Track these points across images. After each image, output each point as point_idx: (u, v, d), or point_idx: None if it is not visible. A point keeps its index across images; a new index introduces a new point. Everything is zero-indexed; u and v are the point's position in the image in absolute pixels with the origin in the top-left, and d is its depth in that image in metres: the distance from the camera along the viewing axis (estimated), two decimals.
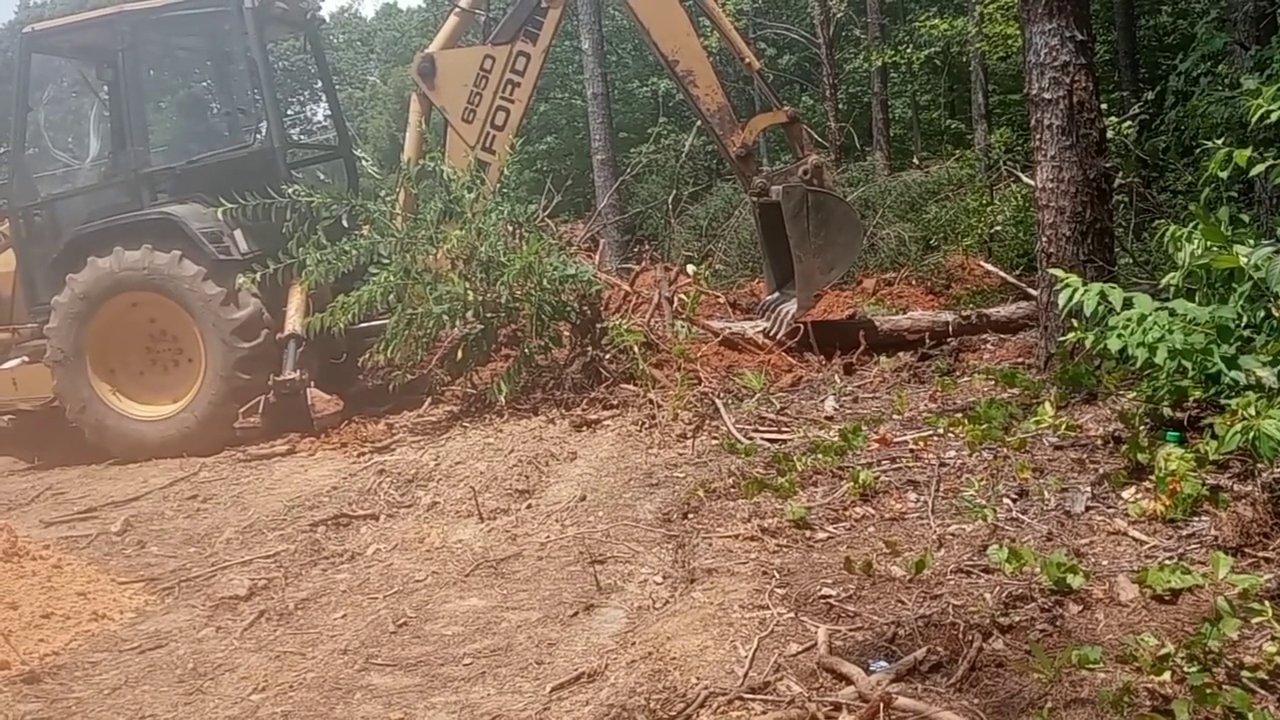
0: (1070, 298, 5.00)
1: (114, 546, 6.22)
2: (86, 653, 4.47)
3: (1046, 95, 6.64)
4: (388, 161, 9.46)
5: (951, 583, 4.09)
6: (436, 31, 10.62)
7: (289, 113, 52.44)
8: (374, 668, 3.99)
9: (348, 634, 4.34)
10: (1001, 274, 10.93)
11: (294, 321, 8.81)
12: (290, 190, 8.39)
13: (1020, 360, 7.96)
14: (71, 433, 9.04)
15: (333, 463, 7.60)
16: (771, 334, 9.42)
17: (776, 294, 10.03)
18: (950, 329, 9.32)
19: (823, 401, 7.61)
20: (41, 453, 9.30)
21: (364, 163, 8.76)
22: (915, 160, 19.00)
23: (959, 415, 6.26)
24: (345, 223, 9.41)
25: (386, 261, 8.23)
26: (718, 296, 11.24)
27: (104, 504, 7.26)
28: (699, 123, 16.89)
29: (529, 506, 5.84)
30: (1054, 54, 6.60)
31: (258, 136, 9.41)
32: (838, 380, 8.23)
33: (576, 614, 4.30)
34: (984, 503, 4.85)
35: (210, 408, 8.64)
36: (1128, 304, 4.88)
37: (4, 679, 4.14)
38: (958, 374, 7.89)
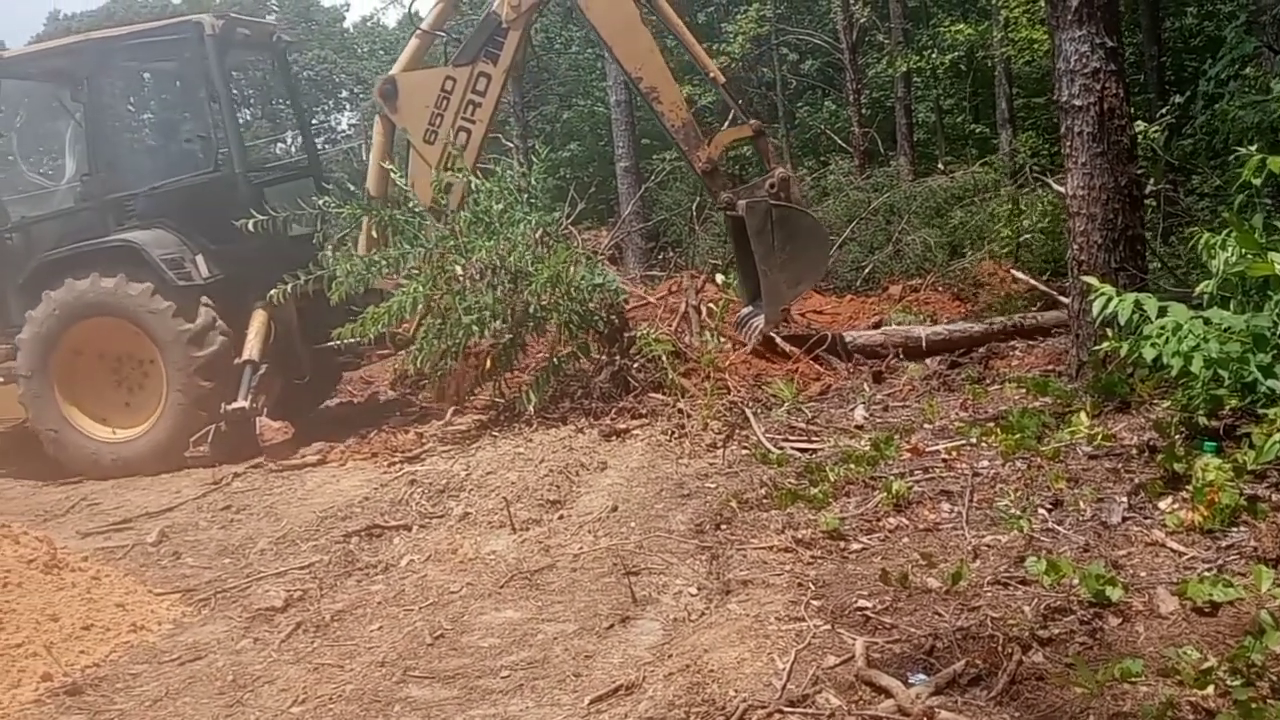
0: (1104, 306, 4.98)
1: (150, 557, 6.28)
2: (127, 664, 4.52)
3: (1077, 102, 6.61)
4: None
5: (989, 594, 4.09)
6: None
7: (314, 121, 52.78)
8: (412, 680, 4.02)
9: (385, 646, 4.37)
10: (1030, 280, 10.88)
11: (252, 347, 8.95)
12: (322, 202, 8.48)
13: (1050, 368, 7.92)
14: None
15: (364, 473, 7.64)
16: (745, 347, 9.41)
17: (749, 308, 9.99)
18: (924, 343, 9.28)
19: (852, 410, 7.60)
20: (31, 467, 9.39)
21: (393, 174, 8.81)
22: (940, 165, 18.95)
23: (991, 424, 6.24)
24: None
25: (415, 272, 8.27)
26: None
27: (138, 515, 7.33)
28: (722, 128, 16.86)
29: (561, 517, 5.86)
30: (1084, 60, 6.57)
31: (219, 162, 9.55)
32: (867, 389, 8.21)
33: (612, 626, 4.31)
34: (1019, 513, 4.83)
35: (170, 430, 8.80)
36: (1162, 312, 4.86)
37: (47, 690, 4.19)
38: (987, 382, 7.85)
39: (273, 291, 8.33)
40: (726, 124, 10.65)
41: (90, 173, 9.58)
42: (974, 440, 6.08)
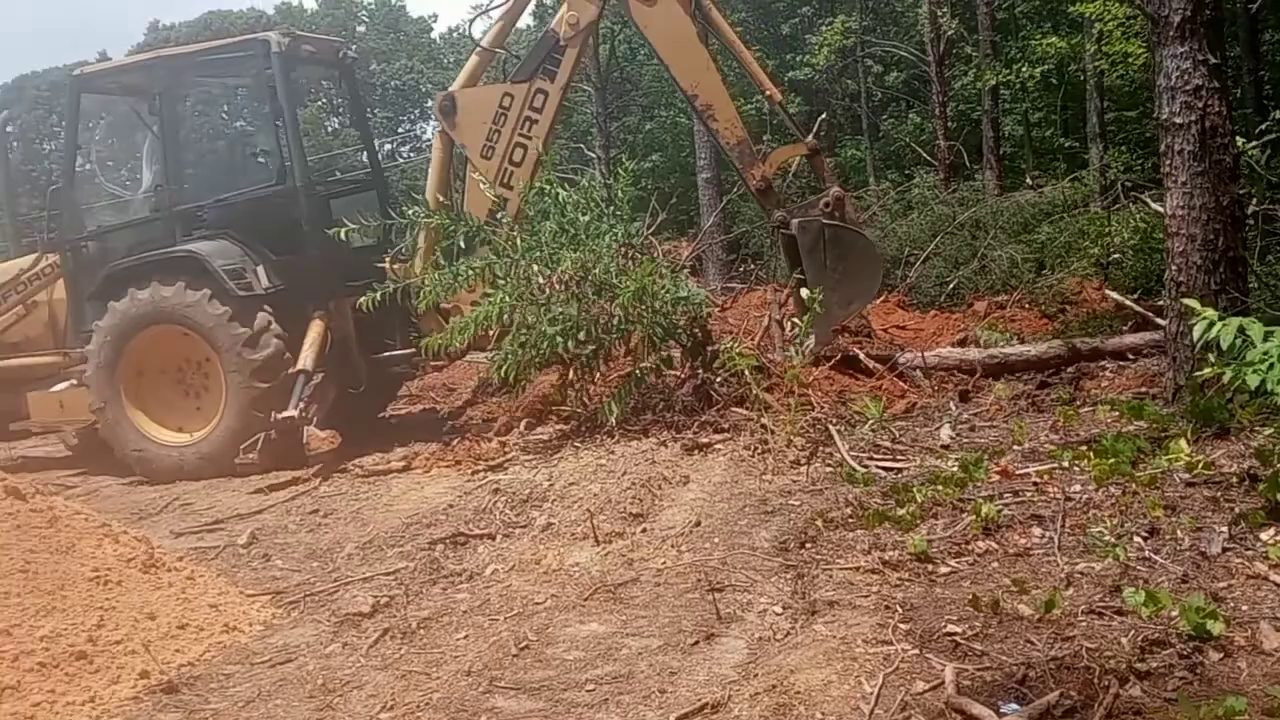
0: (1206, 330, 4.86)
1: (240, 559, 6.43)
2: (220, 664, 4.61)
3: (1178, 120, 6.48)
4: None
5: (1083, 624, 4.00)
6: None
7: (398, 130, 53.68)
8: (498, 690, 4.04)
9: (470, 655, 4.40)
10: (1121, 299, 10.65)
11: (306, 357, 9.16)
12: (411, 212, 8.66)
13: (1144, 390, 7.75)
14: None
15: (448, 480, 7.74)
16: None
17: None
18: (978, 368, 9.11)
19: (938, 429, 7.50)
20: (108, 463, 9.76)
21: (481, 185, 8.95)
22: (1028, 180, 18.63)
23: (1083, 448, 6.11)
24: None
25: (502, 282, 8.36)
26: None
27: (229, 516, 7.51)
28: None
29: (644, 530, 5.86)
30: (1186, 78, 6.44)
31: (281, 175, 9.82)
32: (953, 408, 8.11)
33: (697, 643, 4.29)
34: (1113, 541, 4.72)
35: (227, 436, 9.09)
36: (1267, 337, 4.73)
37: (145, 688, 4.29)
38: (1079, 403, 7.70)
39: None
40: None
41: (162, 184, 9.97)
42: (1066, 464, 5.95)
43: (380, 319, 9.68)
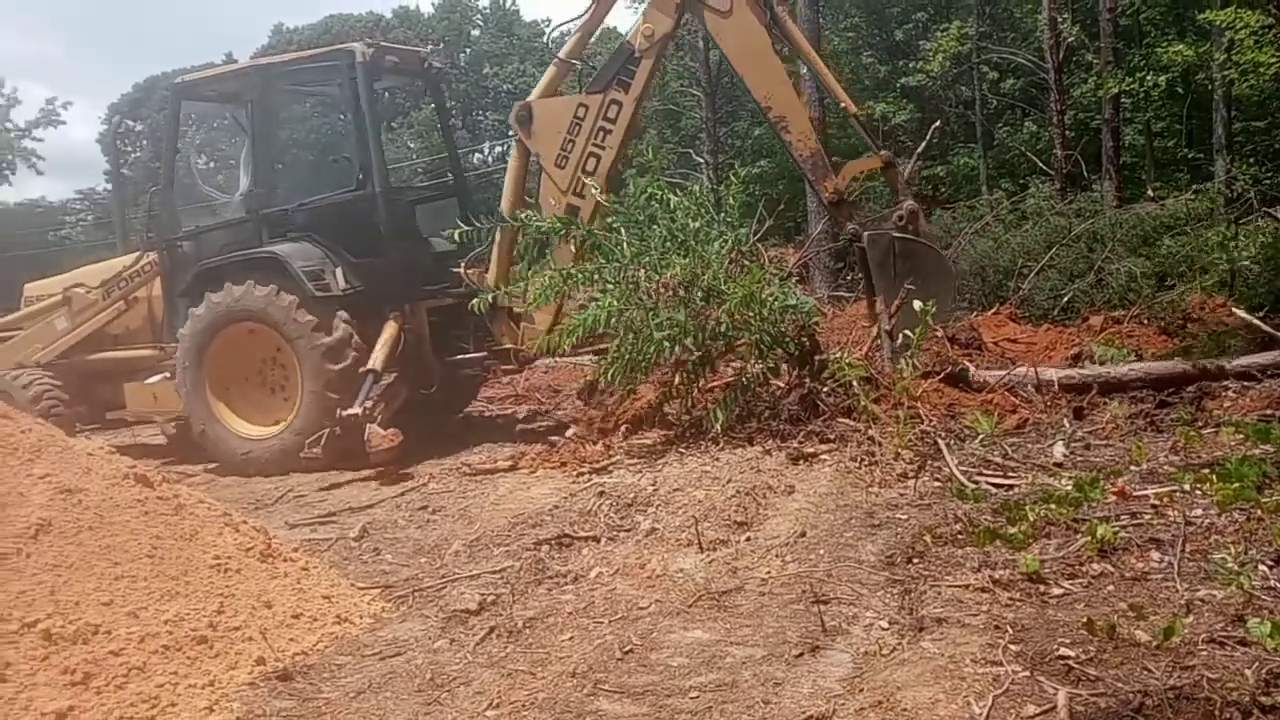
0: None
1: (352, 552, 6.59)
2: (332, 654, 4.73)
3: None
4: (614, 187, 9.85)
5: (1204, 653, 3.87)
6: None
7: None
8: (602, 693, 4.07)
9: (575, 656, 4.44)
10: (1247, 317, 10.27)
11: (377, 357, 9.40)
12: (523, 215, 8.80)
13: (1270, 412, 7.46)
14: None
15: (553, 481, 7.82)
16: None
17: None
18: (1056, 383, 8.76)
19: (1051, 446, 7.33)
20: (202, 455, 10.19)
21: (593, 190, 9.04)
22: (1149, 191, 18.13)
23: (1205, 470, 5.92)
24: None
25: (611, 285, 8.43)
26: (936, 331, 11.00)
27: (342, 509, 7.70)
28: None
29: (748, 539, 5.84)
30: None
31: (360, 180, 10.07)
32: (1067, 425, 7.91)
33: (801, 654, 4.27)
34: (1236, 568, 4.56)
35: (298, 432, 9.42)
36: None
37: (260, 674, 4.42)
38: (1200, 424, 7.45)
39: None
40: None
41: (251, 188, 10.39)
42: (1187, 487, 5.77)
43: (455, 322, 10.17)
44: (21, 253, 38.78)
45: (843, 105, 10.01)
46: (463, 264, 10.20)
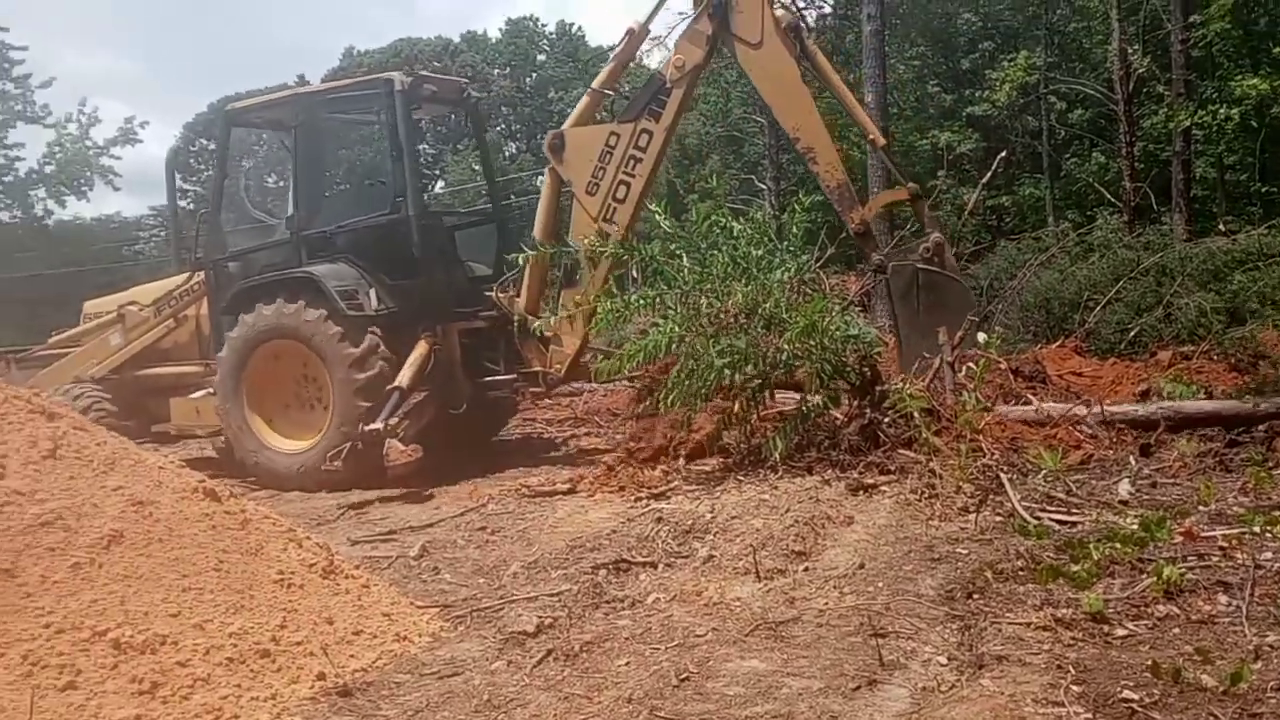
0: None
1: (411, 570, 6.64)
2: (391, 672, 4.77)
3: None
4: (669, 209, 9.99)
5: (1272, 700, 3.79)
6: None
7: None
8: None
9: (631, 682, 4.45)
10: None
11: (404, 376, 9.61)
12: (588, 240, 8.92)
13: None
14: None
15: (611, 505, 7.85)
16: None
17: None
18: (1160, 421, 8.52)
19: (1116, 484, 7.22)
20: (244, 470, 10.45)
21: (657, 215, 9.11)
22: (1220, 225, 17.80)
23: (1276, 513, 5.80)
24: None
25: (673, 311, 8.47)
26: (1000, 363, 10.89)
27: (402, 528, 7.78)
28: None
29: (806, 569, 5.82)
30: None
31: (396, 205, 10.36)
32: (1133, 462, 7.79)
33: (859, 687, 4.24)
34: None
35: (326, 448, 9.67)
36: None
37: (321, 689, 4.48)
38: (1271, 465, 7.30)
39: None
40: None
41: (293, 211, 10.79)
42: (1256, 529, 5.65)
43: (487, 344, 10.52)
44: (97, 266, 39.77)
45: (870, 137, 10.17)
46: (495, 288, 10.58)
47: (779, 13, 9.73)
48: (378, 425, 9.29)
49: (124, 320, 11.60)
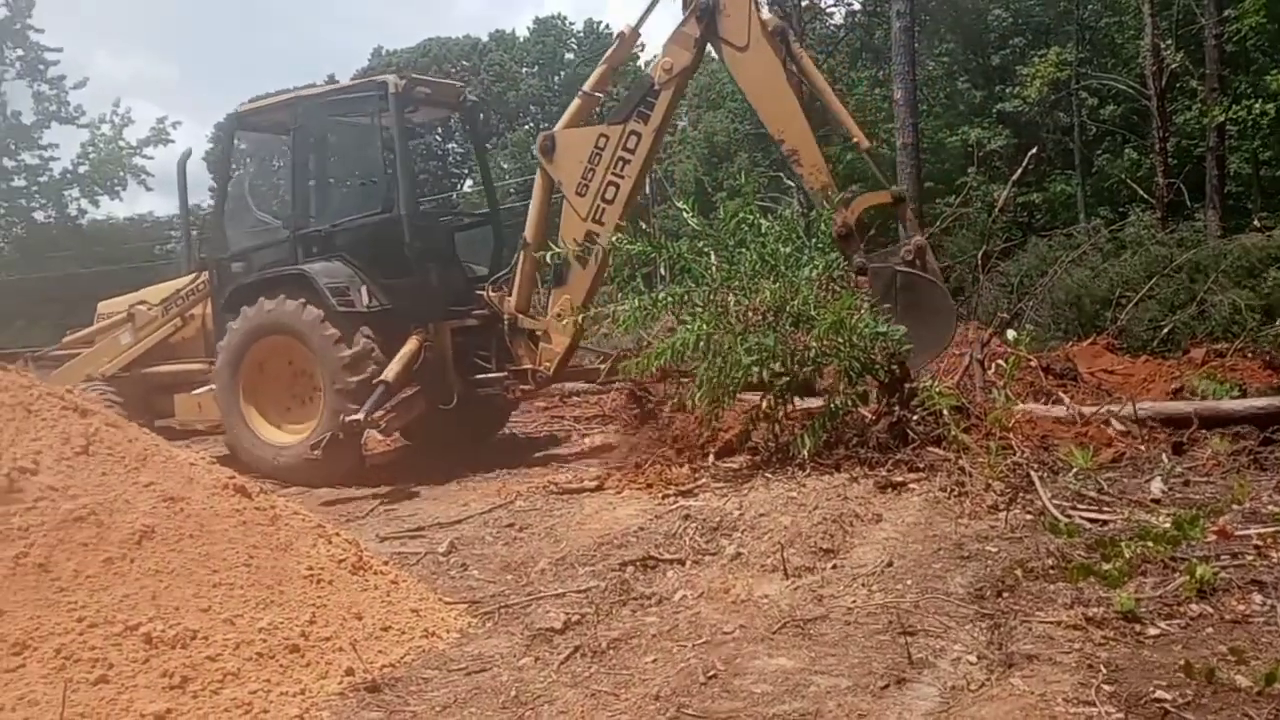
0: None
1: (440, 567, 6.67)
2: (419, 668, 4.80)
3: None
4: (697, 207, 10.04)
5: None
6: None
7: None
8: (685, 717, 4.07)
9: (658, 680, 4.45)
10: None
11: (391, 370, 9.90)
12: (614, 238, 8.92)
13: None
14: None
15: (638, 503, 7.84)
16: None
17: None
18: (1193, 418, 8.39)
19: (1149, 482, 7.15)
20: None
21: (686, 214, 9.10)
22: (1255, 221, 17.59)
23: None
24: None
25: (699, 309, 8.45)
26: (1030, 361, 10.81)
27: (430, 524, 7.81)
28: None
29: (834, 567, 5.80)
30: None
31: (388, 205, 10.66)
32: (1165, 460, 7.71)
33: (887, 686, 4.22)
34: None
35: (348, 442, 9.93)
36: None
37: (350, 685, 4.50)
38: None
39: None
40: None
41: (291, 211, 11.16)
42: None
43: (480, 343, 10.78)
44: (129, 265, 40.12)
45: (854, 139, 10.13)
46: (487, 286, 10.90)
47: (765, 16, 9.82)
48: (358, 416, 9.55)
49: (134, 320, 12.00)
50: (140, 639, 4.17)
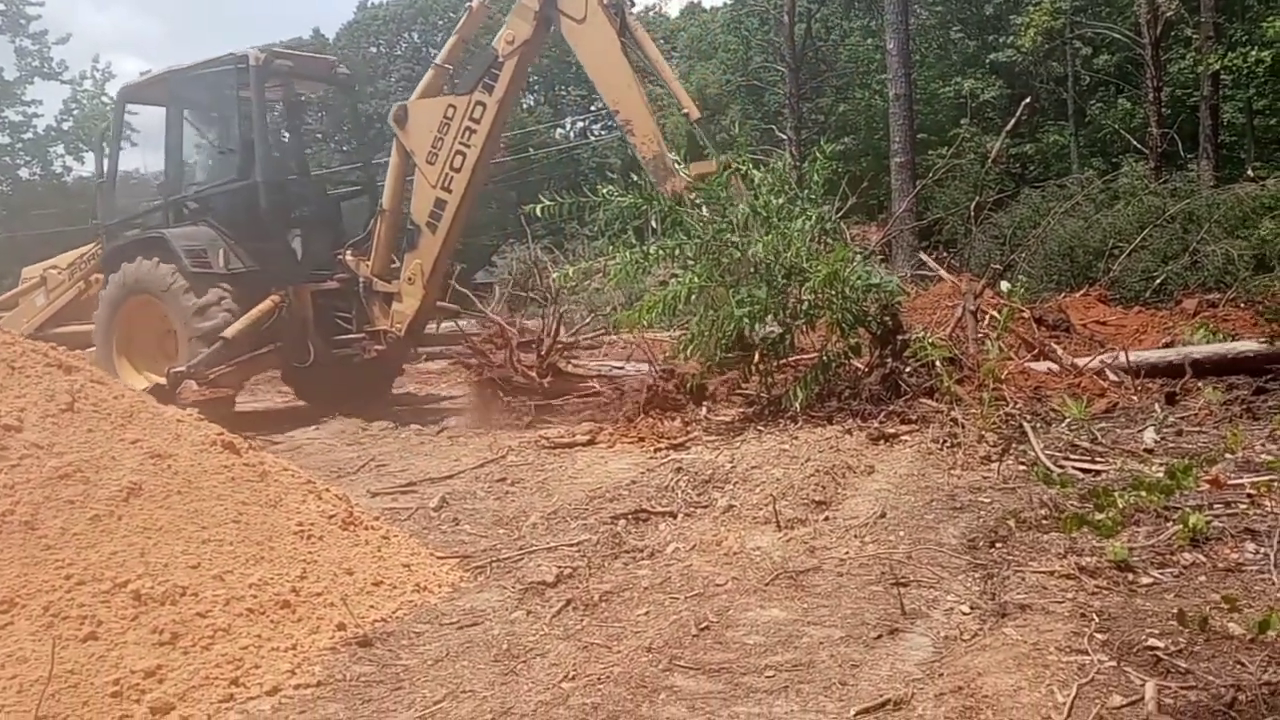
0: None
1: (431, 521, 6.65)
2: (411, 622, 4.77)
3: None
4: (689, 159, 10.05)
5: None
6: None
7: (590, 108, 54.38)
8: (677, 669, 4.06)
9: (651, 632, 4.43)
10: None
11: (235, 328, 10.50)
12: (605, 191, 8.84)
13: None
14: None
15: (630, 456, 7.83)
16: None
17: None
18: (1186, 367, 8.54)
19: (1141, 432, 7.14)
20: None
21: (677, 165, 9.05)
22: (1248, 171, 17.54)
23: None
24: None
25: (691, 262, 8.39)
26: (1023, 312, 10.78)
27: (422, 479, 7.79)
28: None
29: (826, 519, 5.79)
30: None
31: (245, 172, 11.51)
32: (1158, 410, 7.70)
33: (880, 636, 4.21)
34: None
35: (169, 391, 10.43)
36: None
37: (341, 639, 4.48)
38: None
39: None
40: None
41: (166, 179, 12.05)
42: None
43: (343, 306, 11.50)
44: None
45: (684, 110, 10.35)
46: (346, 250, 11.53)
47: None
48: (181, 367, 10.09)
49: (46, 283, 12.87)
50: (129, 596, 4.13)
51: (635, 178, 9.52)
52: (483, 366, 11.00)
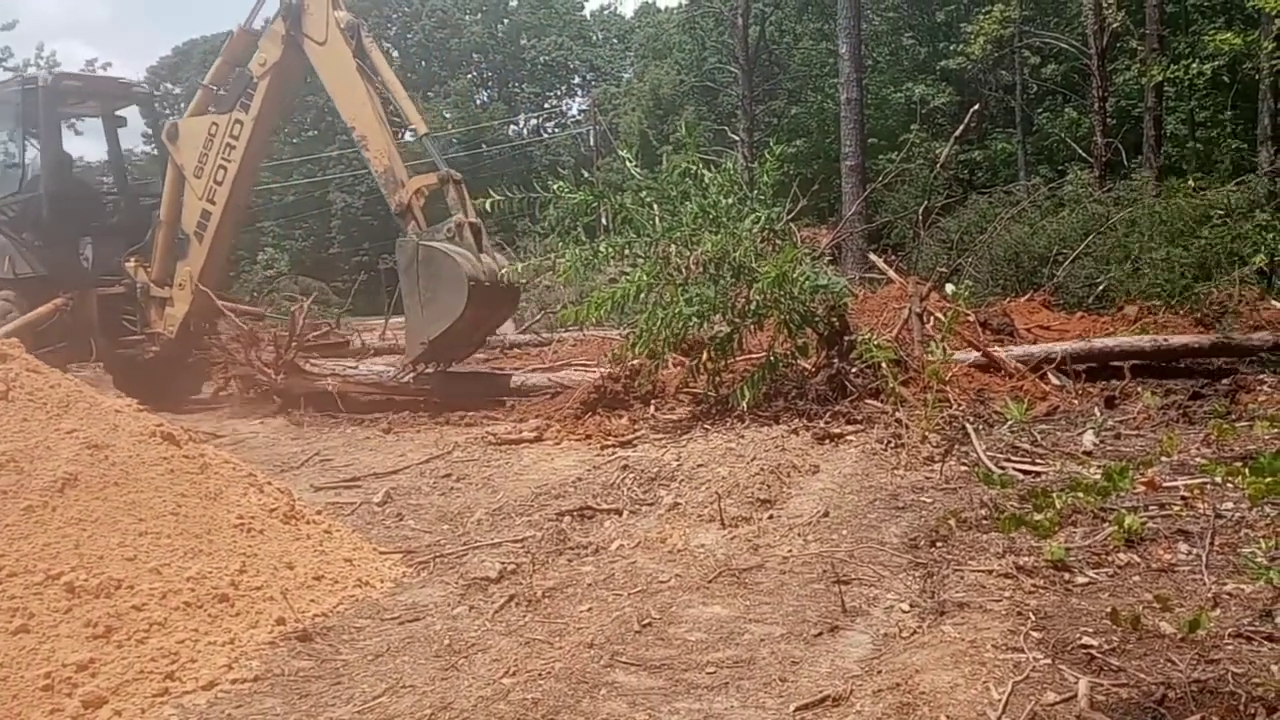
0: None
1: (375, 516, 6.60)
2: (352, 617, 4.73)
3: None
4: (642, 159, 10.06)
5: (1230, 647, 3.81)
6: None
7: (544, 105, 54.25)
8: (619, 665, 4.06)
9: (593, 628, 4.43)
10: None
11: (8, 328, 10.99)
12: (556, 187, 8.83)
13: None
14: None
15: (577, 453, 7.82)
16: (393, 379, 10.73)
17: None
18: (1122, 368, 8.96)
19: (1080, 435, 7.26)
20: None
21: (628, 163, 9.04)
22: (1189, 181, 17.84)
23: (1238, 464, 5.82)
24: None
25: (642, 259, 8.39)
26: (968, 316, 10.91)
27: (366, 474, 7.72)
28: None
29: (771, 517, 5.82)
30: None
31: (31, 185, 12.35)
32: (1097, 413, 7.83)
33: (820, 634, 4.24)
34: (1266, 563, 4.49)
35: None
36: None
37: (280, 634, 4.43)
38: (1234, 417, 7.35)
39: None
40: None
41: None
42: (1218, 479, 5.68)
43: (130, 308, 12.32)
44: None
45: (412, 125, 10.85)
46: (128, 257, 12.28)
47: (340, 14, 10.70)
48: None
49: None
50: (62, 588, 4.06)
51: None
52: (227, 365, 11.78)
